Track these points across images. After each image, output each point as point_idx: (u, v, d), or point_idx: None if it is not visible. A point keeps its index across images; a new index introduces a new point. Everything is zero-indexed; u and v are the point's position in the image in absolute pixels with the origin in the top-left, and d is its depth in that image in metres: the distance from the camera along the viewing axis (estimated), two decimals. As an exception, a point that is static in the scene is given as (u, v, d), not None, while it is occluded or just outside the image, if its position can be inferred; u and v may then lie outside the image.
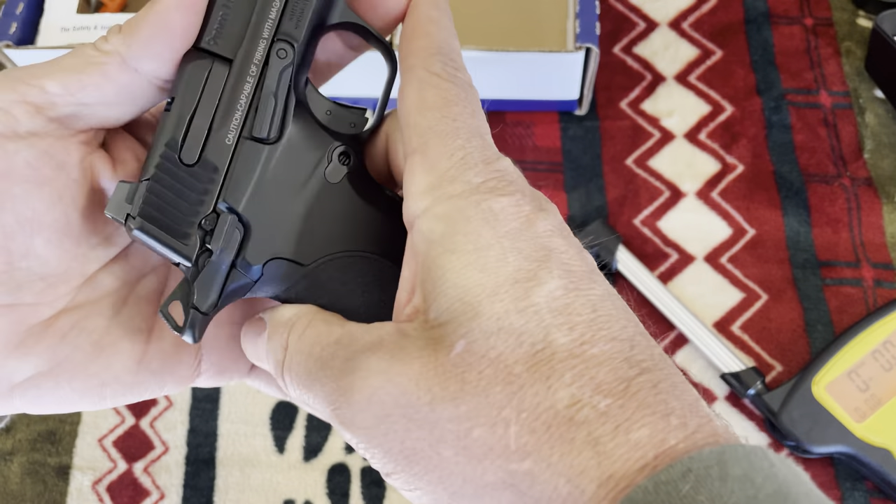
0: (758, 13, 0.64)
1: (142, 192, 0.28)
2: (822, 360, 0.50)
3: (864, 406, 0.49)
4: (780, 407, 0.49)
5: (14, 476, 0.53)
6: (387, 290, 0.30)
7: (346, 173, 0.30)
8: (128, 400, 0.31)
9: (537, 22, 0.59)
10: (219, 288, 0.28)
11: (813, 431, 0.49)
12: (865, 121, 0.60)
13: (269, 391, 0.34)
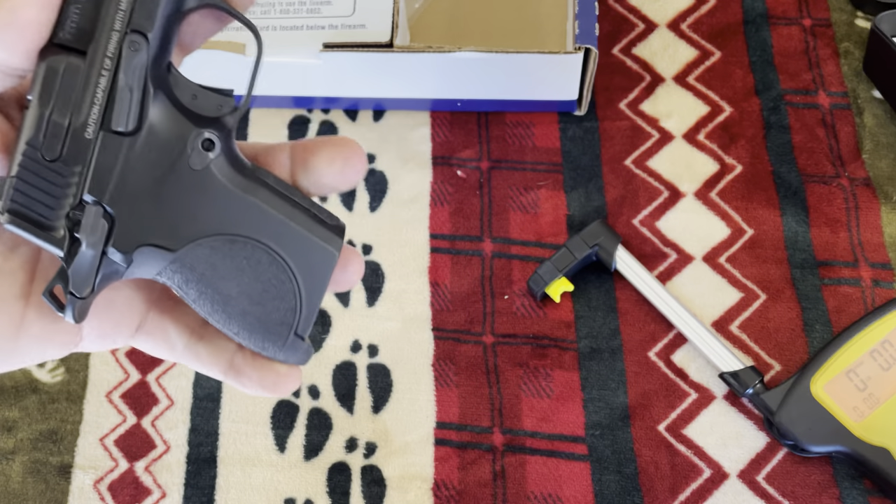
0: (756, 14, 0.64)
1: (9, 189, 0.29)
2: (820, 360, 0.50)
3: (862, 405, 0.48)
4: (778, 406, 0.49)
5: (16, 475, 0.53)
6: (255, 270, 0.32)
7: (211, 159, 0.31)
8: (8, 367, 0.32)
9: (537, 23, 0.59)
10: (92, 275, 0.30)
11: (811, 430, 0.48)
12: (864, 121, 0.60)
13: (155, 353, 0.35)
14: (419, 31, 0.60)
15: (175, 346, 0.34)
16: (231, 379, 0.35)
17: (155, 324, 0.34)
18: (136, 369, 0.56)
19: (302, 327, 0.33)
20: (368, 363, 0.56)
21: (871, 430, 0.48)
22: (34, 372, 0.56)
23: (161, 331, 0.34)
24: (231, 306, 0.32)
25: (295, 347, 0.33)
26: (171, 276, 0.31)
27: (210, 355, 0.34)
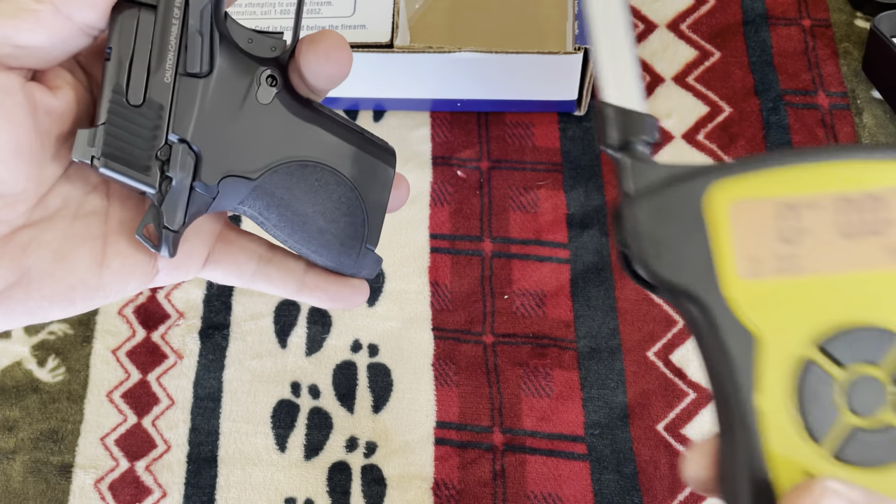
0: (756, 14, 0.64)
1: (101, 136, 0.32)
2: (754, 162, 0.29)
3: (769, 262, 0.28)
4: (639, 188, 0.29)
5: (16, 475, 0.53)
6: (326, 190, 0.35)
7: (275, 94, 0.34)
8: (96, 302, 0.34)
9: (537, 23, 0.59)
10: (183, 208, 0.33)
11: (664, 251, 0.29)
12: (863, 122, 0.60)
13: (225, 280, 0.38)
14: (419, 31, 0.60)
15: (245, 270, 0.37)
16: (305, 295, 0.37)
17: (223, 253, 0.37)
18: (136, 369, 0.56)
19: (371, 239, 0.37)
20: (369, 363, 0.56)
21: (752, 303, 0.28)
22: (35, 371, 0.56)
23: (230, 258, 0.37)
24: (309, 225, 0.35)
25: (366, 257, 0.37)
26: (253, 203, 0.35)
27: (281, 276, 0.37)
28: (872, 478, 0.26)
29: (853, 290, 0.27)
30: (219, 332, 0.57)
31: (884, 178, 0.27)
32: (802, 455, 0.27)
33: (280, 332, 0.57)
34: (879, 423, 0.27)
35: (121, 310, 0.58)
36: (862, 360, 0.27)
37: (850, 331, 0.27)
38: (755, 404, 0.27)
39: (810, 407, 0.27)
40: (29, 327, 0.57)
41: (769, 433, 0.27)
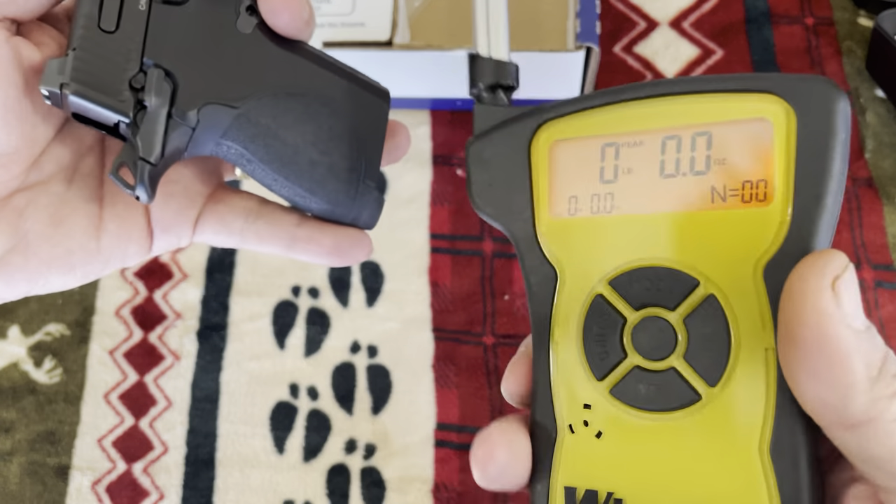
0: (758, 13, 0.64)
1: (70, 61, 0.30)
2: (581, 103, 0.28)
3: (586, 200, 0.28)
4: (477, 129, 0.30)
5: (13, 476, 0.53)
6: (316, 120, 0.34)
7: (255, 24, 0.33)
8: (96, 271, 0.33)
9: (538, 21, 0.59)
10: (160, 138, 0.31)
11: (490, 186, 0.29)
12: (866, 120, 0.60)
13: (217, 241, 0.37)
14: (419, 29, 0.59)
15: (233, 228, 0.36)
16: (298, 250, 0.36)
17: (211, 211, 0.36)
18: (133, 370, 0.56)
19: (369, 173, 0.35)
20: (368, 364, 0.55)
21: (560, 240, 0.28)
22: (31, 373, 0.56)
23: (218, 217, 0.36)
24: (300, 156, 0.34)
25: (366, 196, 0.35)
26: (237, 135, 0.33)
27: (271, 231, 0.36)
28: (645, 422, 0.26)
29: (660, 230, 0.26)
30: (216, 332, 0.56)
31: (711, 113, 0.26)
32: (583, 388, 0.27)
33: (278, 333, 0.56)
34: (664, 367, 0.26)
35: (118, 310, 0.57)
36: (656, 302, 0.26)
37: (647, 272, 0.26)
38: (552, 335, 0.28)
39: (596, 343, 0.27)
40: (26, 328, 0.57)
41: (558, 364, 0.27)
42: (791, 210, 0.24)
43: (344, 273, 0.58)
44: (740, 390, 0.25)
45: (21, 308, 0.58)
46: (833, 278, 0.21)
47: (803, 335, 0.22)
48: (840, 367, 0.21)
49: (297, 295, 0.57)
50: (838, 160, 0.24)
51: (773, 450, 0.24)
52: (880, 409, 0.21)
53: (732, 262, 0.25)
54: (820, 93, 0.24)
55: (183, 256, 0.59)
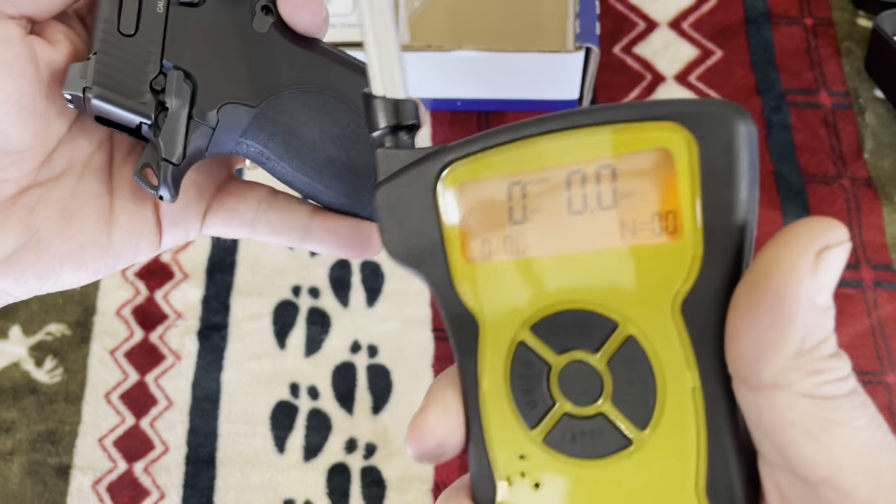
0: (758, 13, 0.64)
1: (92, 65, 0.31)
2: (484, 141, 0.27)
3: (498, 242, 0.26)
4: (381, 176, 0.29)
5: (14, 476, 0.53)
6: (333, 117, 0.34)
7: (271, 23, 0.33)
8: (108, 266, 0.33)
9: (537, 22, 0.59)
10: (182, 139, 0.32)
11: (403, 234, 0.28)
12: (866, 121, 0.60)
13: (228, 232, 0.36)
14: (419, 29, 0.59)
15: (244, 219, 0.36)
16: (313, 241, 0.35)
17: (221, 203, 0.36)
18: (134, 370, 0.56)
19: None
20: (368, 364, 0.55)
21: (476, 286, 0.27)
22: (32, 373, 0.56)
23: (227, 207, 0.36)
24: (318, 153, 0.34)
25: None
26: (256, 134, 0.33)
27: (283, 222, 0.36)
28: (581, 470, 0.25)
29: (575, 270, 0.25)
30: (217, 332, 0.56)
31: (613, 145, 0.24)
32: (516, 439, 0.26)
33: (279, 333, 0.56)
34: (593, 412, 0.25)
35: (119, 310, 0.57)
36: (578, 345, 0.25)
37: (565, 315, 0.25)
38: (480, 385, 0.26)
39: (524, 391, 0.26)
40: (27, 328, 0.57)
41: (489, 415, 0.26)
42: (702, 242, 0.23)
43: (344, 273, 0.58)
44: (671, 433, 0.24)
45: (22, 308, 0.58)
46: (823, 247, 0.21)
47: (765, 284, 0.21)
48: (779, 326, 0.21)
49: (297, 295, 0.57)
50: (744, 185, 0.22)
51: (710, 491, 0.23)
52: (791, 380, 0.21)
53: (649, 299, 0.24)
54: (719, 117, 0.23)
55: (184, 256, 0.59)
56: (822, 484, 0.21)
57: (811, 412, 0.21)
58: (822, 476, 0.21)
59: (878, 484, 0.20)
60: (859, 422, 0.21)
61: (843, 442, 0.21)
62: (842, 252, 0.21)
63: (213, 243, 0.59)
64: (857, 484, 0.20)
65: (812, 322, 0.21)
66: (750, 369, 0.22)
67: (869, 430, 0.21)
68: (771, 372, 0.21)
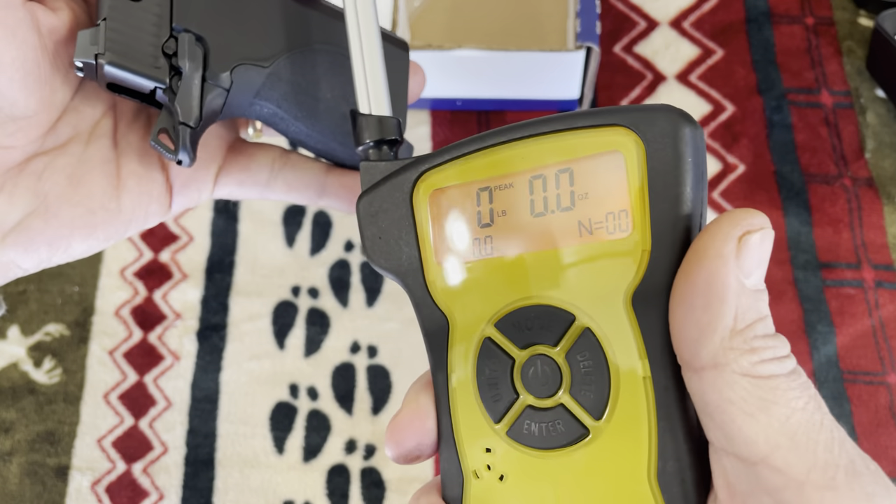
0: (759, 12, 0.64)
1: (103, 32, 0.31)
2: (453, 151, 0.28)
3: (468, 245, 0.28)
4: (364, 186, 0.30)
5: (13, 477, 0.53)
6: (344, 73, 0.34)
7: None
8: (119, 232, 0.33)
9: (538, 21, 0.59)
10: (198, 101, 0.31)
11: (382, 242, 0.29)
12: (867, 120, 0.60)
13: (242, 193, 0.36)
14: (419, 29, 0.59)
15: (259, 178, 0.36)
16: (330, 198, 0.35)
17: (233, 163, 0.36)
18: (133, 370, 0.55)
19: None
20: (368, 364, 0.55)
21: (447, 287, 0.28)
22: (31, 373, 0.56)
23: (241, 167, 0.36)
24: (332, 111, 0.34)
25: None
26: (270, 94, 0.33)
27: (300, 179, 0.36)
28: (541, 461, 0.26)
29: (537, 268, 0.27)
30: (216, 333, 0.56)
31: (570, 150, 0.26)
32: (483, 433, 0.27)
33: (278, 333, 0.56)
34: (553, 404, 0.26)
35: (117, 311, 0.57)
36: (539, 340, 0.26)
37: (528, 311, 0.27)
38: (450, 382, 0.28)
39: (489, 385, 0.27)
40: (25, 328, 0.57)
41: (458, 411, 0.27)
42: (650, 238, 0.24)
43: (344, 273, 0.58)
44: (624, 422, 0.25)
45: (21, 308, 0.58)
46: (744, 232, 0.22)
47: (696, 270, 0.22)
48: (712, 308, 0.22)
49: (296, 295, 0.57)
50: (689, 185, 0.24)
51: (660, 478, 0.24)
52: (729, 359, 0.22)
53: (604, 293, 0.25)
54: (665, 121, 0.24)
55: (182, 256, 0.58)
56: (760, 463, 0.21)
57: (750, 391, 0.22)
58: (760, 455, 0.21)
59: (813, 463, 0.21)
60: (798, 402, 0.22)
61: (780, 421, 0.21)
62: (761, 236, 0.22)
63: (213, 243, 0.59)
64: (792, 463, 0.21)
65: (743, 303, 0.22)
66: (691, 353, 0.23)
67: (807, 410, 0.22)
68: (709, 352, 0.22)
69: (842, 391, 0.52)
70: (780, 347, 0.22)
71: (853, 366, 0.53)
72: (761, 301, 0.23)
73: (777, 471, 0.21)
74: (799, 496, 0.21)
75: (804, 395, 0.22)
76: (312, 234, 0.59)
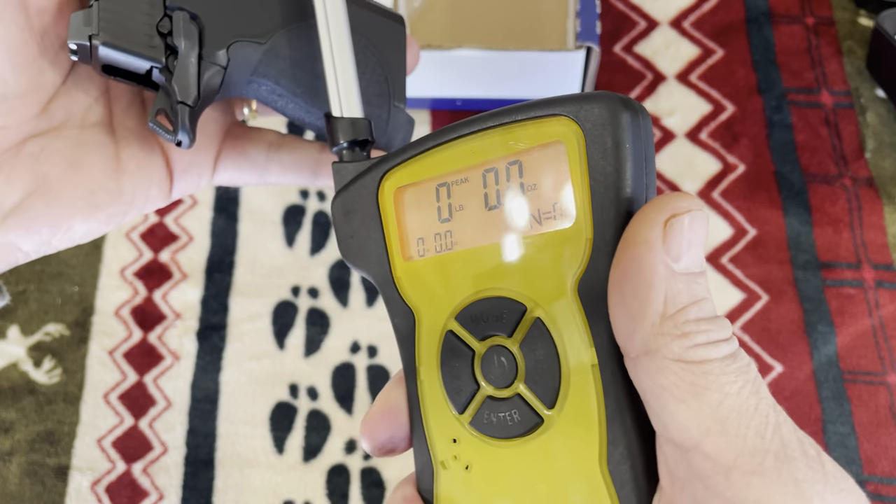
0: (759, 12, 0.64)
1: (96, 12, 0.30)
2: (414, 149, 0.29)
3: (430, 240, 0.29)
4: (337, 187, 0.31)
5: (13, 477, 0.53)
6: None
7: None
8: (120, 213, 0.33)
9: (538, 21, 0.59)
10: (195, 80, 0.31)
11: (353, 240, 0.30)
12: (867, 120, 0.60)
13: (240, 178, 0.36)
14: (419, 28, 0.59)
15: (256, 161, 0.36)
16: (325, 177, 0.36)
17: (231, 147, 0.36)
18: (133, 370, 0.55)
19: (397, 96, 0.35)
20: (368, 364, 0.55)
21: (413, 282, 0.29)
22: (31, 373, 0.56)
23: (238, 151, 0.36)
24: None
25: (397, 118, 0.35)
26: (267, 70, 0.33)
27: (295, 160, 0.36)
28: (501, 450, 0.26)
29: (493, 261, 0.27)
30: (216, 333, 0.56)
31: (518, 142, 0.26)
32: (449, 424, 0.27)
33: (278, 334, 0.56)
34: (510, 394, 0.26)
35: (117, 311, 0.57)
36: (496, 331, 0.27)
37: (484, 303, 0.27)
38: (418, 374, 0.28)
39: (452, 377, 0.27)
40: (25, 328, 0.57)
41: (427, 403, 0.28)
42: (592, 227, 0.24)
43: (343, 273, 0.58)
44: (575, 410, 0.25)
45: (21, 308, 0.58)
46: (669, 215, 0.22)
47: (625, 258, 0.22)
48: (640, 294, 0.22)
49: (296, 295, 0.57)
50: (629, 171, 0.24)
51: (611, 465, 0.24)
52: (660, 345, 0.22)
53: (553, 284, 0.25)
54: (603, 109, 0.24)
55: (182, 256, 0.58)
56: (693, 449, 0.21)
57: (681, 377, 0.21)
58: (692, 441, 0.21)
59: (742, 448, 0.21)
60: (732, 387, 0.21)
61: (712, 406, 0.21)
62: (690, 218, 0.22)
63: (213, 243, 0.59)
64: (722, 448, 0.21)
65: (673, 287, 0.22)
66: (626, 340, 0.23)
67: (741, 395, 0.21)
68: (641, 338, 0.22)
69: (842, 391, 0.52)
70: (717, 331, 0.22)
71: (853, 366, 0.53)
72: (696, 284, 0.22)
73: (707, 457, 0.21)
74: (726, 482, 0.21)
75: (740, 380, 0.21)
76: (312, 234, 0.59)
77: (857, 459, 0.51)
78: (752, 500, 0.20)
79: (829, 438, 0.51)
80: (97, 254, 0.59)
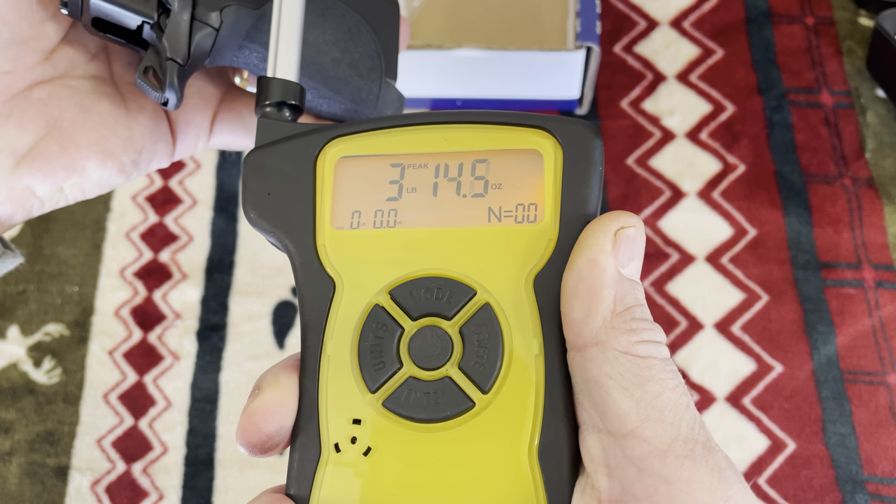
0: (759, 12, 0.64)
1: None
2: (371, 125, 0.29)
3: (370, 213, 0.29)
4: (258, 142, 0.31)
5: (13, 477, 0.53)
6: (335, 20, 0.34)
7: None
8: (131, 161, 0.33)
9: (538, 21, 0.59)
10: (186, 38, 0.31)
11: (272, 201, 0.29)
12: (867, 120, 0.60)
13: (236, 142, 0.37)
14: (419, 28, 0.59)
15: (251, 125, 0.36)
16: None
17: (228, 111, 0.37)
18: (133, 370, 0.55)
19: (389, 72, 0.35)
20: (367, 364, 0.55)
21: (340, 252, 0.28)
22: (31, 373, 0.56)
23: (235, 114, 0.37)
24: (322, 55, 0.34)
25: (388, 94, 0.35)
26: (260, 36, 0.33)
27: None
28: (417, 434, 0.26)
29: (441, 244, 0.28)
30: (216, 333, 0.56)
31: (491, 142, 0.28)
32: (353, 403, 0.26)
33: (278, 333, 0.56)
34: (439, 376, 0.26)
35: (117, 311, 0.57)
36: (434, 312, 0.27)
37: (427, 281, 0.27)
38: (324, 348, 0.27)
39: (372, 354, 0.27)
40: (25, 328, 0.57)
41: (328, 380, 0.27)
42: (558, 230, 0.27)
43: (344, 273, 0.58)
44: (511, 396, 0.26)
45: (20, 308, 0.58)
46: (618, 228, 0.25)
47: (581, 260, 0.25)
48: (594, 290, 0.25)
49: (296, 295, 0.57)
50: (596, 189, 0.27)
51: (541, 453, 0.25)
52: (610, 337, 0.24)
53: (507, 274, 0.27)
54: (583, 132, 0.27)
55: (182, 256, 0.58)
56: (629, 434, 0.24)
57: (627, 367, 0.24)
58: (630, 427, 0.24)
59: (676, 436, 0.23)
60: (669, 383, 0.24)
61: (653, 395, 0.24)
62: (633, 232, 0.25)
63: (213, 243, 0.59)
64: (658, 433, 0.23)
65: (621, 288, 0.25)
66: (576, 332, 0.25)
67: (677, 391, 0.24)
68: (592, 330, 0.24)
69: (842, 391, 0.52)
70: (658, 334, 0.25)
71: (853, 366, 0.53)
72: (638, 290, 0.25)
73: (644, 440, 0.23)
74: (661, 463, 0.23)
75: (675, 379, 0.24)
76: (312, 234, 0.59)
77: (857, 459, 0.51)
78: (685, 479, 0.23)
79: (829, 438, 0.51)
80: (97, 254, 0.59)
